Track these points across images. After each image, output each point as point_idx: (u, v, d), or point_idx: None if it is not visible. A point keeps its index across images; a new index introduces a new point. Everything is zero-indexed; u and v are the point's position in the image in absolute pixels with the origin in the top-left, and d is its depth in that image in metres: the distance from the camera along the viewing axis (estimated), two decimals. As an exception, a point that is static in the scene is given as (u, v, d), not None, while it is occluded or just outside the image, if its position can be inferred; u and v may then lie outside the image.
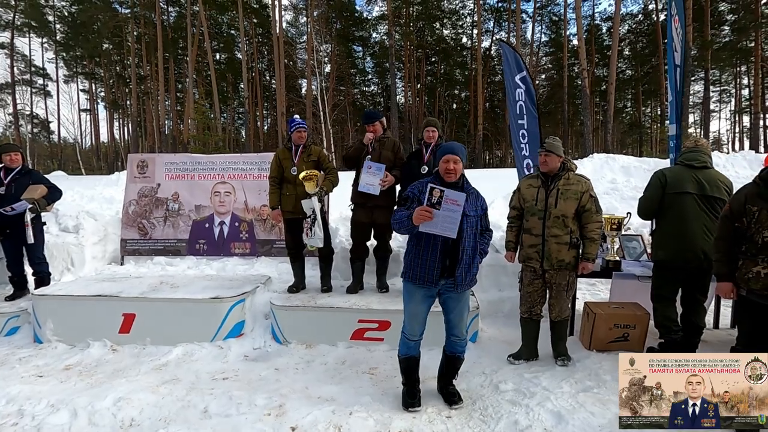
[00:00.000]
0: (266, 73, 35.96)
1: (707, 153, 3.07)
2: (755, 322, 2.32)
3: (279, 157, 3.95)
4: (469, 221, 2.39)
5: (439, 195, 2.19)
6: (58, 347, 3.59)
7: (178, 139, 28.93)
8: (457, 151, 2.39)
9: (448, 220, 2.24)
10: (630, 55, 32.47)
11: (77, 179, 13.61)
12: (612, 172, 8.55)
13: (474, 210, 2.43)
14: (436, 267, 2.38)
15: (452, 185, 2.35)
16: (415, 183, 2.49)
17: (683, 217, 2.96)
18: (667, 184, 3.01)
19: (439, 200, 2.20)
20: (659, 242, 3.12)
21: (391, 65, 28.64)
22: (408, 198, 2.42)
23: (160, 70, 29.68)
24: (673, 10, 4.27)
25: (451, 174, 2.37)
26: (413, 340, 2.55)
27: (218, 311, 3.60)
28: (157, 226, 5.53)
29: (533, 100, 4.50)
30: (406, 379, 2.61)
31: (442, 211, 2.21)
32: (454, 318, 2.55)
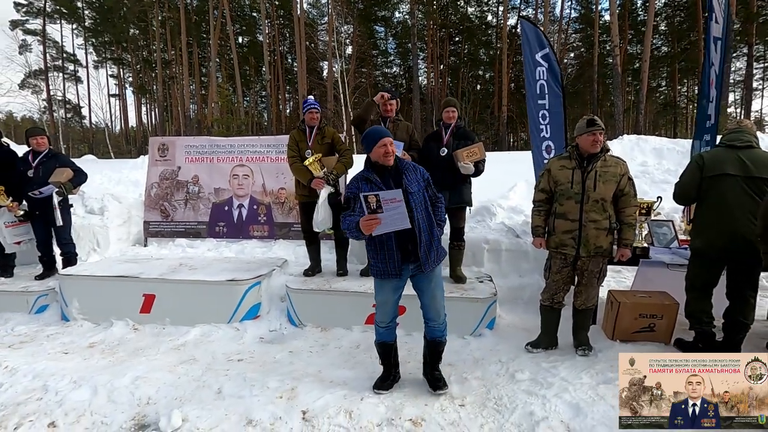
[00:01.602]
0: (288, 55, 35.83)
1: (752, 133, 2.81)
2: None
3: (295, 139, 3.90)
4: (416, 198, 2.35)
5: (375, 201, 2.15)
6: (83, 325, 3.71)
7: (202, 122, 29.37)
8: (388, 133, 2.38)
9: (395, 216, 2.20)
10: (666, 31, 30.68)
11: (106, 162, 14.02)
12: (643, 155, 8.15)
13: (416, 185, 2.38)
14: (396, 258, 2.35)
15: (388, 169, 2.35)
16: (352, 181, 2.41)
17: (723, 203, 2.73)
18: (705, 166, 2.79)
19: (378, 204, 2.15)
20: (697, 230, 2.91)
21: (413, 46, 28.00)
22: (350, 199, 2.37)
23: (184, 55, 30.00)
24: None
25: (390, 156, 2.33)
26: (383, 327, 2.53)
27: (235, 293, 3.63)
28: (178, 208, 5.61)
29: (557, 79, 4.26)
30: (381, 362, 2.62)
31: (386, 212, 2.17)
32: (427, 300, 2.49)
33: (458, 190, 3.71)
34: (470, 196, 3.84)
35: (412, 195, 2.33)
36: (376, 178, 2.36)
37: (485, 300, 3.43)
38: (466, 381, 2.68)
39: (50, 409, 2.39)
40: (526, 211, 5.03)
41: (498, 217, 5.03)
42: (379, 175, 2.37)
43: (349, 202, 2.39)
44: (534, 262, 4.26)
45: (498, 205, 5.31)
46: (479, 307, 3.42)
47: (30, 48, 33.30)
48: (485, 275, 4.04)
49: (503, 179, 6.39)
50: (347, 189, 2.44)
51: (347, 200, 2.41)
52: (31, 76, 33.21)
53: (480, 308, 3.42)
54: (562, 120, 4.26)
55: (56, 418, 2.33)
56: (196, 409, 2.36)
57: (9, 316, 3.88)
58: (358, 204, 2.27)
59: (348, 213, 2.37)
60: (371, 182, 2.35)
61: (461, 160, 3.56)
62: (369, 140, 2.36)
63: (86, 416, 2.35)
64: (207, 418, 2.28)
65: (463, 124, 4.00)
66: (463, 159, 3.56)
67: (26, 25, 32.80)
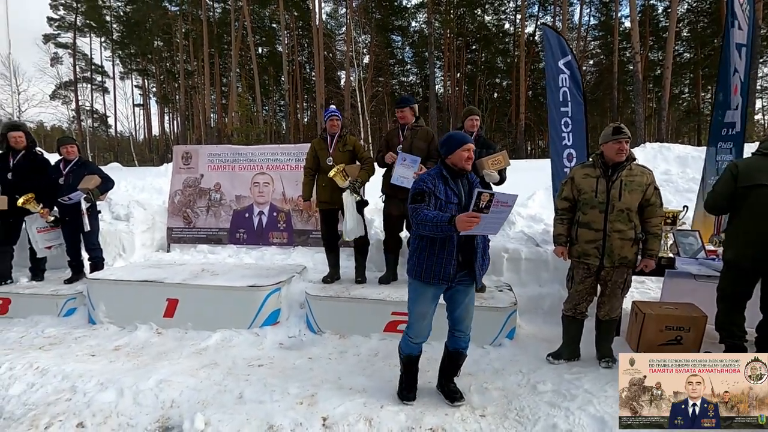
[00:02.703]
0: (306, 65, 36.43)
1: None
2: None
3: (315, 148, 3.96)
4: None
5: (488, 200, 2.04)
6: (109, 328, 3.81)
7: (222, 131, 30.02)
8: (472, 141, 2.35)
9: (495, 221, 2.13)
10: (689, 37, 30.11)
11: (130, 170, 14.43)
12: (666, 163, 7.99)
13: None
14: (453, 263, 2.28)
15: (462, 175, 2.32)
16: (424, 175, 2.34)
17: (757, 213, 2.65)
18: (739, 175, 2.71)
19: (488, 204, 2.05)
20: (729, 241, 2.85)
21: (430, 54, 28.15)
22: (424, 193, 2.27)
23: (206, 65, 30.81)
24: None
25: (470, 162, 2.30)
26: (417, 342, 2.47)
27: (255, 299, 3.68)
28: (200, 215, 5.73)
29: (579, 86, 4.23)
30: (405, 371, 2.57)
31: (490, 214, 2.09)
32: (462, 313, 2.45)
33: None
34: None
35: None
36: (452, 181, 2.32)
37: (505, 309, 3.39)
38: (486, 391, 2.65)
39: (79, 410, 2.46)
40: (546, 220, 4.97)
41: (517, 225, 4.98)
42: (454, 180, 2.34)
43: (423, 196, 2.29)
44: (554, 272, 4.20)
45: (517, 213, 5.26)
46: (499, 317, 3.38)
47: (61, 60, 34.73)
48: (505, 284, 4.00)
49: (522, 188, 6.30)
50: (419, 183, 2.33)
51: (421, 193, 2.30)
52: (61, 87, 34.58)
53: (500, 318, 3.38)
54: (584, 128, 4.22)
55: (84, 418, 2.40)
56: (218, 413, 2.39)
57: (39, 319, 4.01)
58: (433, 199, 2.25)
59: (423, 206, 2.27)
60: (447, 183, 2.31)
61: (486, 168, 3.55)
62: (453, 143, 2.32)
63: (113, 418, 2.41)
64: (229, 423, 2.31)
65: (484, 133, 4.00)
66: (487, 167, 3.55)
67: (58, 38, 34.27)
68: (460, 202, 2.30)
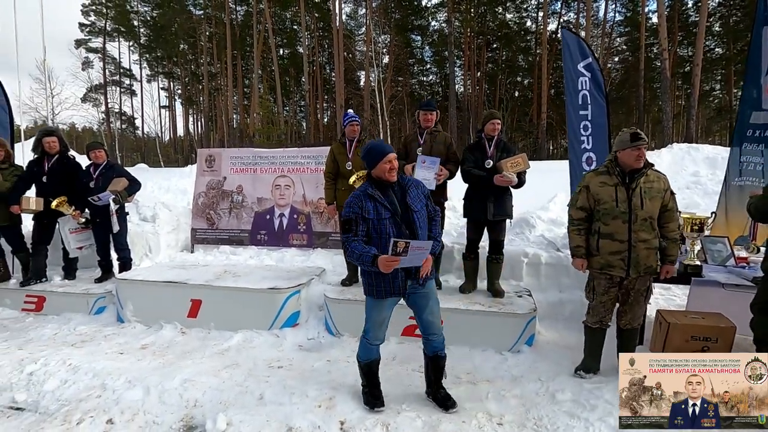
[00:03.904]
0: (326, 66, 36.75)
1: None
2: None
3: (334, 153, 4.01)
4: (420, 216, 2.34)
5: (403, 247, 2.12)
6: (136, 327, 3.95)
7: (244, 132, 30.58)
8: (392, 149, 2.36)
9: (415, 258, 2.20)
10: (721, 32, 29.00)
11: (156, 171, 14.86)
12: (694, 164, 7.74)
13: (419, 202, 2.36)
14: (401, 276, 2.33)
15: (392, 185, 2.33)
16: (351, 200, 2.33)
17: None
18: None
19: (404, 250, 2.12)
20: None
21: (450, 53, 27.98)
22: (351, 221, 2.29)
23: (229, 67, 31.44)
24: None
25: (394, 172, 2.31)
26: (375, 344, 2.50)
27: (275, 301, 3.75)
28: (222, 216, 5.87)
29: (601, 88, 4.14)
30: (368, 381, 2.55)
31: (409, 255, 2.15)
32: (428, 316, 2.46)
33: (501, 202, 3.66)
34: (512, 209, 3.79)
35: (417, 213, 2.33)
36: (380, 195, 2.32)
37: (524, 315, 3.36)
38: (504, 398, 2.64)
39: (108, 407, 2.57)
40: (566, 223, 4.89)
41: (537, 229, 4.92)
42: (382, 192, 2.33)
43: (351, 224, 2.29)
44: (575, 278, 4.12)
45: (537, 216, 5.19)
46: (518, 323, 3.36)
47: (92, 65, 36.07)
48: (524, 290, 3.96)
49: (542, 190, 6.24)
50: (345, 209, 2.34)
51: (347, 222, 2.30)
52: (91, 90, 35.92)
53: (519, 324, 3.35)
54: (606, 131, 4.14)
55: (113, 415, 2.50)
56: (240, 414, 2.45)
57: (71, 316, 4.20)
58: (362, 226, 2.28)
59: (350, 236, 2.29)
60: (375, 199, 2.31)
61: (505, 170, 3.52)
62: (373, 156, 2.32)
63: (140, 415, 2.50)
64: (249, 423, 2.37)
65: (504, 135, 3.97)
66: (507, 169, 3.52)
67: (89, 43, 35.59)
68: (394, 213, 2.30)
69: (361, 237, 2.31)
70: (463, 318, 3.44)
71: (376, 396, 2.53)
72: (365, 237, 2.33)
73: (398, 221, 2.31)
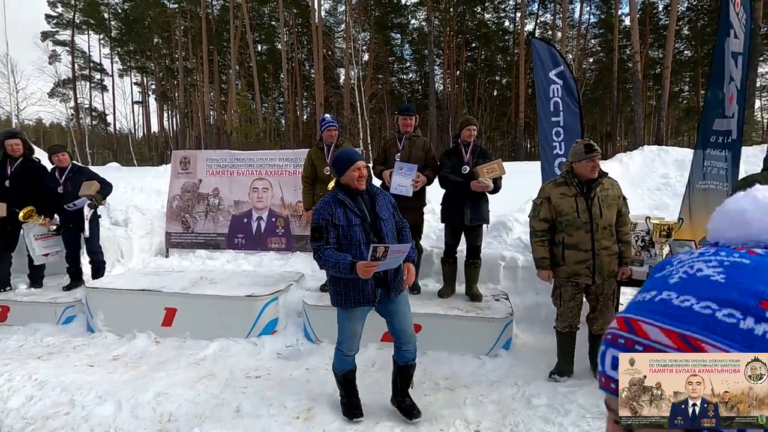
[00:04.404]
0: (306, 63, 36.37)
1: None
2: None
3: (312, 157, 3.97)
4: (387, 225, 2.36)
5: (383, 251, 2.13)
6: (108, 337, 3.83)
7: (222, 129, 29.99)
8: (361, 156, 2.37)
9: (392, 262, 2.22)
10: (689, 35, 30.05)
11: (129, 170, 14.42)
12: (664, 166, 7.99)
13: (387, 211, 2.39)
14: (370, 284, 2.31)
15: (360, 193, 2.34)
16: (321, 206, 2.33)
17: None
18: None
19: (384, 254, 2.14)
20: None
21: (429, 52, 28.11)
22: (321, 228, 2.28)
23: (204, 63, 30.75)
24: None
25: (362, 180, 2.33)
26: (350, 355, 2.49)
27: (253, 308, 3.70)
28: (198, 220, 5.74)
29: (573, 95, 4.23)
30: (346, 392, 2.54)
31: (387, 260, 2.17)
32: (398, 324, 2.46)
33: (478, 207, 3.70)
34: (488, 214, 3.84)
35: (384, 221, 2.35)
36: (350, 202, 2.32)
37: (501, 320, 3.41)
38: (481, 404, 2.67)
39: (77, 424, 2.48)
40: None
41: (514, 232, 4.99)
42: (352, 199, 2.34)
43: (321, 232, 2.28)
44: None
45: (514, 219, 5.27)
46: (495, 327, 3.41)
47: (59, 58, 34.64)
48: (501, 293, 4.02)
49: (519, 192, 6.34)
50: (315, 216, 2.33)
51: (318, 229, 2.29)
52: (59, 85, 34.51)
53: (496, 328, 3.40)
54: (578, 136, 4.22)
55: (83, 433, 2.41)
56: (216, 428, 2.41)
57: (37, 327, 4.03)
58: (332, 233, 2.28)
59: (322, 244, 2.28)
60: (345, 206, 2.31)
61: (482, 176, 3.56)
62: (341, 163, 2.32)
63: (111, 432, 2.43)
64: (226, 438, 2.33)
65: (480, 142, 4.01)
66: (483, 175, 3.56)
67: (56, 36, 34.15)
68: (364, 220, 2.31)
69: (332, 245, 2.30)
70: (442, 323, 3.47)
71: (354, 406, 2.53)
72: (336, 245, 2.32)
73: (367, 228, 2.32)
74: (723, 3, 3.94)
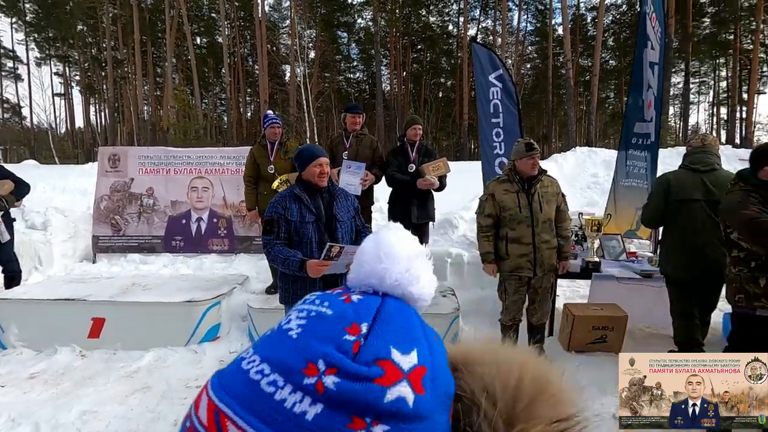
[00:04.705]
0: (249, 58, 35.11)
1: (715, 153, 2.80)
2: None
3: (254, 155, 3.82)
4: (344, 227, 2.30)
5: (337, 251, 2.07)
6: (23, 353, 3.44)
7: (157, 125, 28.15)
8: (325, 153, 2.33)
9: (344, 263, 2.15)
10: (614, 46, 32.65)
11: (49, 168, 13.10)
12: (594, 166, 8.62)
13: (346, 213, 2.33)
14: (318, 286, 2.23)
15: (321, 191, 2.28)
16: (276, 199, 2.28)
17: (690, 228, 2.70)
18: (671, 191, 2.76)
19: (338, 254, 2.09)
20: (666, 255, 2.91)
21: (376, 52, 28.24)
22: (273, 221, 2.22)
23: (137, 54, 28.67)
24: (649, 8, 4.22)
25: (324, 177, 2.27)
26: None
27: (192, 314, 3.49)
28: (130, 222, 5.34)
29: (512, 98, 4.43)
30: None
31: (340, 260, 2.12)
32: None
33: (424, 205, 3.76)
34: (434, 212, 3.92)
35: (341, 223, 2.29)
36: (307, 198, 2.27)
37: (448, 315, 3.49)
38: (430, 399, 2.70)
39: (-16, 454, 2.20)
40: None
41: (460, 229, 5.14)
42: (310, 195, 2.28)
43: (273, 225, 2.22)
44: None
45: (460, 217, 5.43)
46: (443, 323, 3.47)
47: (-38, 43, 30.72)
48: (448, 289, 4.11)
49: (464, 190, 6.54)
50: (270, 208, 2.27)
51: (269, 222, 2.23)
52: (-37, 72, 30.61)
53: (443, 324, 3.47)
54: (518, 137, 4.42)
55: (-9, 463, 2.15)
56: (151, 445, 2.24)
57: (-64, 346, 3.54)
58: (283, 226, 2.21)
59: (272, 239, 2.21)
60: (301, 201, 2.26)
61: (427, 174, 3.62)
62: (304, 157, 2.27)
63: (26, 459, 2.18)
64: (162, 454, 2.17)
65: (426, 143, 4.09)
66: (429, 173, 3.62)
67: (-43, 17, 30.27)
68: (318, 218, 2.26)
69: (283, 240, 2.24)
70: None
71: None
72: (287, 240, 2.25)
73: (321, 227, 2.26)
74: (641, 17, 4.31)
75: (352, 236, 2.38)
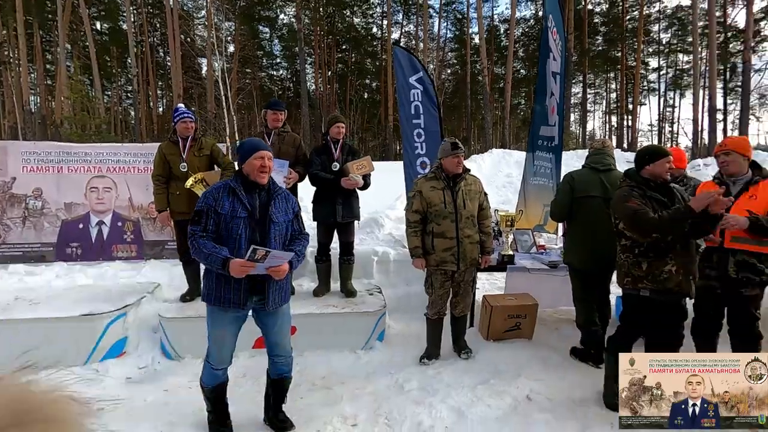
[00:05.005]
0: (159, 48, 32.42)
1: (611, 154, 3.18)
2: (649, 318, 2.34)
3: (164, 153, 3.52)
4: (278, 229, 2.18)
5: (263, 255, 1.98)
6: None
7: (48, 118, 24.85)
8: (269, 147, 2.25)
9: (271, 264, 2.07)
10: (524, 56, 35.45)
11: None
12: (508, 167, 9.26)
13: (284, 215, 2.22)
14: (243, 287, 2.11)
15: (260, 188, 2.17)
16: (210, 190, 2.18)
17: (590, 222, 3.01)
18: (575, 188, 3.07)
19: (264, 257, 2.00)
20: (570, 246, 3.24)
21: (300, 50, 27.63)
22: (202, 213, 2.11)
23: (20, 36, 24.99)
24: (551, 23, 4.64)
25: (265, 174, 2.15)
26: (221, 369, 2.25)
27: (92, 330, 3.12)
28: (12, 227, 4.64)
29: (432, 100, 4.59)
30: (214, 407, 2.32)
31: (265, 263, 2.04)
32: (275, 337, 2.30)
33: (349, 204, 3.74)
34: (359, 210, 3.91)
35: (275, 225, 2.17)
36: (242, 192, 2.14)
37: (375, 313, 3.51)
38: (358, 398, 2.71)
39: None
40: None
41: (386, 228, 5.21)
42: (247, 191, 2.16)
43: (201, 216, 2.09)
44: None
45: (386, 215, 5.50)
46: (370, 320, 3.49)
47: None
48: (375, 287, 4.14)
49: (389, 189, 6.65)
50: (202, 198, 2.14)
51: (198, 213, 2.10)
52: None
53: (370, 321, 3.49)
54: (439, 137, 4.60)
55: None
56: (39, 481, 1.95)
57: None
58: (212, 218, 2.09)
59: (198, 230, 2.08)
60: (235, 194, 2.13)
61: (352, 172, 3.60)
62: (245, 150, 2.16)
63: None
64: (54, 491, 1.90)
65: (352, 142, 4.07)
66: (353, 171, 3.61)
67: None
68: (251, 215, 2.14)
69: (210, 233, 2.10)
70: (318, 321, 3.42)
71: (222, 422, 2.32)
72: (214, 234, 2.11)
73: (252, 226, 2.14)
74: (544, 30, 4.74)
75: (286, 240, 2.25)
